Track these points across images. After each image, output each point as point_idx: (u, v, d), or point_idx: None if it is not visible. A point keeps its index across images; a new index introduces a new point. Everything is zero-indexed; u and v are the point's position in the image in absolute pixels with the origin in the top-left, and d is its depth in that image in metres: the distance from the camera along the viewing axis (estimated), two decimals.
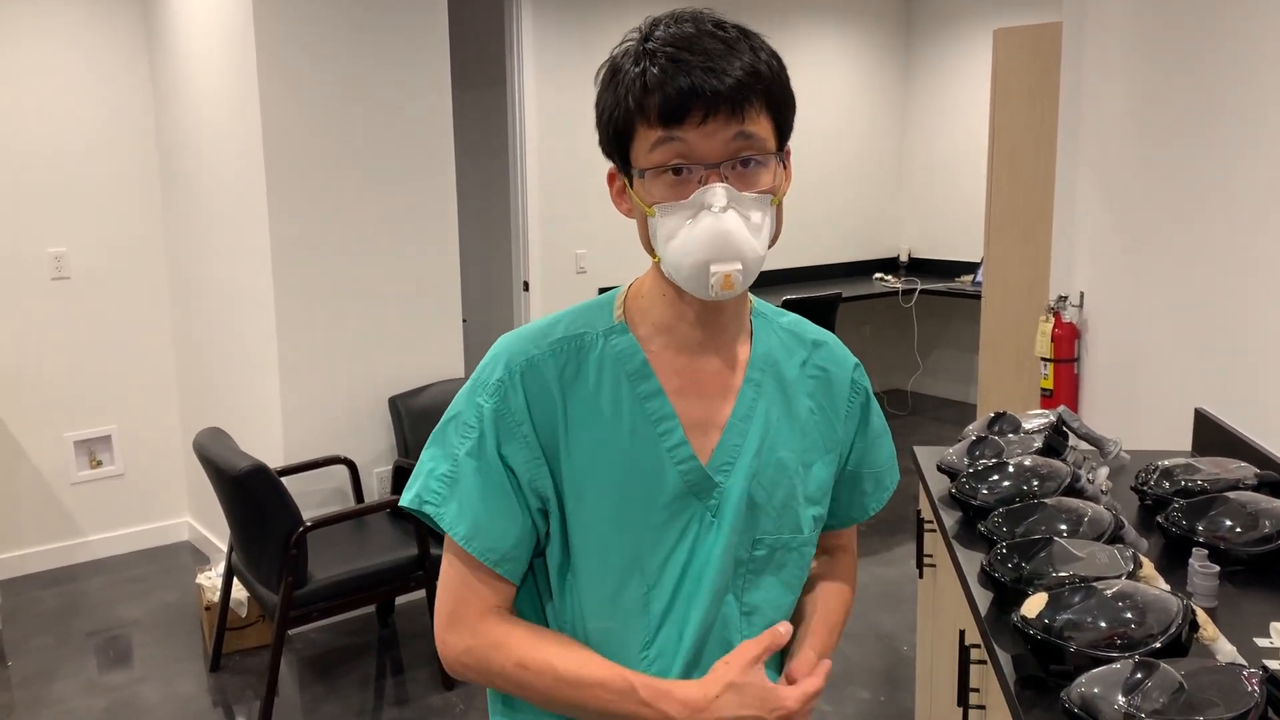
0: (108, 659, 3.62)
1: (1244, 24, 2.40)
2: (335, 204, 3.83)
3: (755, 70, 1.06)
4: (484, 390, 1.13)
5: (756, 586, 1.19)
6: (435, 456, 1.14)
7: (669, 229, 1.07)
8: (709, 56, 1.04)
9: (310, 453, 3.82)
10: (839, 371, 1.27)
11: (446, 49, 4.03)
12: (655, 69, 1.04)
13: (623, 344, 1.15)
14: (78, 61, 4.25)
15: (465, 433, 1.13)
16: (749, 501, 1.16)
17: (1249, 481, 2.03)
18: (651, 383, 1.14)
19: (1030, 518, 1.84)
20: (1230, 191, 2.46)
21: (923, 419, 6.69)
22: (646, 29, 1.09)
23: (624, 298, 1.19)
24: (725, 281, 1.06)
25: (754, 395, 1.19)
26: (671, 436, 1.14)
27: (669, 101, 1.03)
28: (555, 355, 1.14)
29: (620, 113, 1.07)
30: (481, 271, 5.82)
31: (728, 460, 1.16)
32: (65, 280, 4.31)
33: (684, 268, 1.07)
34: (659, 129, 1.05)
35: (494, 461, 1.11)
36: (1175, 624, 1.40)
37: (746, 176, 1.07)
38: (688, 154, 1.05)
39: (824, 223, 6.84)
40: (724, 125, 1.04)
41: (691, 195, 1.05)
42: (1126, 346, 3.15)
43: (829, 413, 1.25)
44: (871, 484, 1.32)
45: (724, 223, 1.04)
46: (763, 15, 6.27)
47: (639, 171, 1.08)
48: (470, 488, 1.11)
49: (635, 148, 1.08)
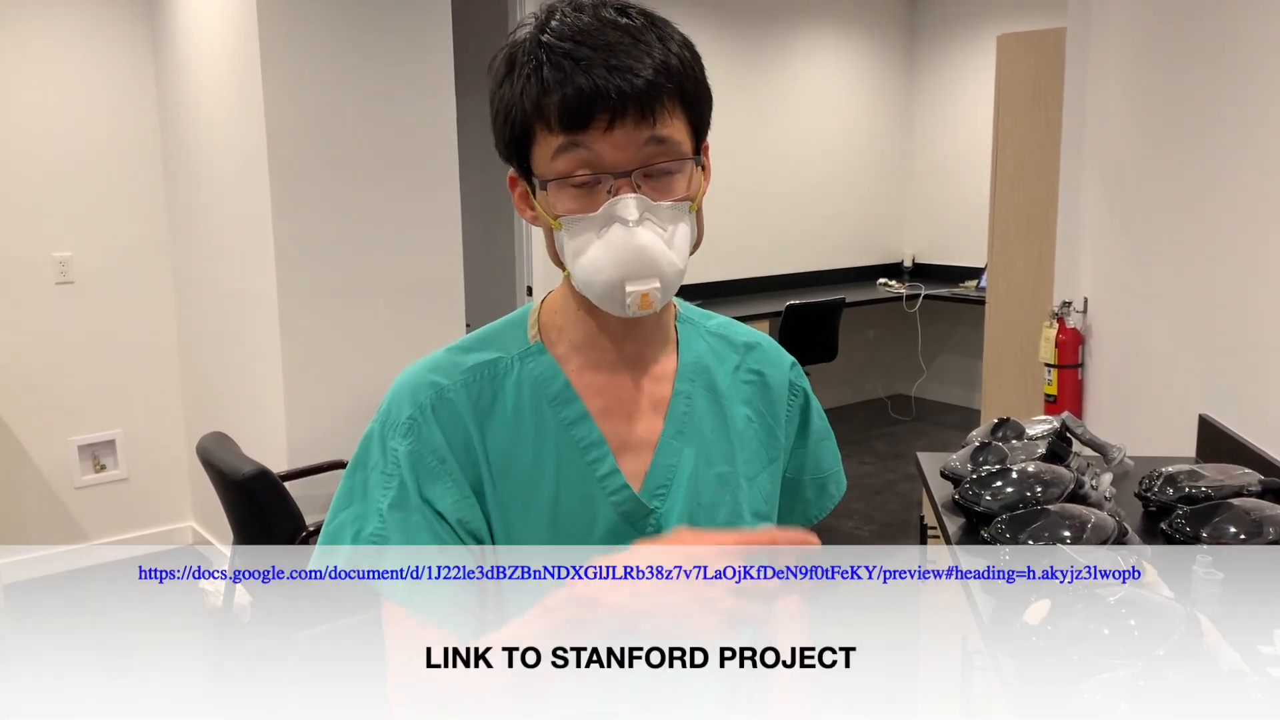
0: (111, 664, 3.62)
1: (1247, 29, 2.40)
2: (339, 208, 3.83)
3: (665, 66, 0.95)
4: (395, 432, 1.03)
5: None
6: (357, 515, 1.03)
7: (577, 244, 0.97)
8: (612, 52, 0.93)
9: (314, 457, 3.82)
10: (775, 374, 1.17)
11: (450, 52, 4.03)
12: (551, 67, 0.94)
13: (540, 366, 1.05)
14: (83, 66, 4.26)
15: (385, 483, 1.02)
16: (690, 524, 1.06)
17: (1253, 488, 2.03)
18: (575, 406, 1.05)
19: (1034, 524, 1.84)
20: (1235, 196, 2.45)
21: (927, 424, 6.68)
22: (542, 18, 0.98)
23: (538, 314, 1.09)
24: (643, 301, 0.96)
25: (685, 408, 1.09)
26: (602, 465, 1.04)
27: (569, 105, 0.93)
28: (467, 386, 1.04)
29: (517, 114, 0.96)
30: (485, 276, 5.82)
31: (663, 483, 1.06)
32: (70, 284, 4.32)
33: (596, 285, 0.97)
34: (560, 135, 0.94)
35: (419, 509, 1.00)
36: (1179, 631, 1.40)
37: (660, 184, 0.97)
38: (594, 162, 0.95)
39: (827, 227, 6.84)
40: (633, 130, 0.94)
41: (600, 207, 0.95)
42: (1131, 352, 3.14)
43: (768, 419, 1.15)
44: (814, 491, 1.22)
45: (637, 237, 0.95)
46: (766, 20, 6.28)
47: (540, 181, 0.98)
48: (402, 542, 1.00)
49: (536, 153, 0.98)
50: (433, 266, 4.08)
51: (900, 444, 6.21)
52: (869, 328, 7.05)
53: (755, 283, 6.41)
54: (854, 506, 5.09)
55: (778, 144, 6.45)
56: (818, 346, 5.66)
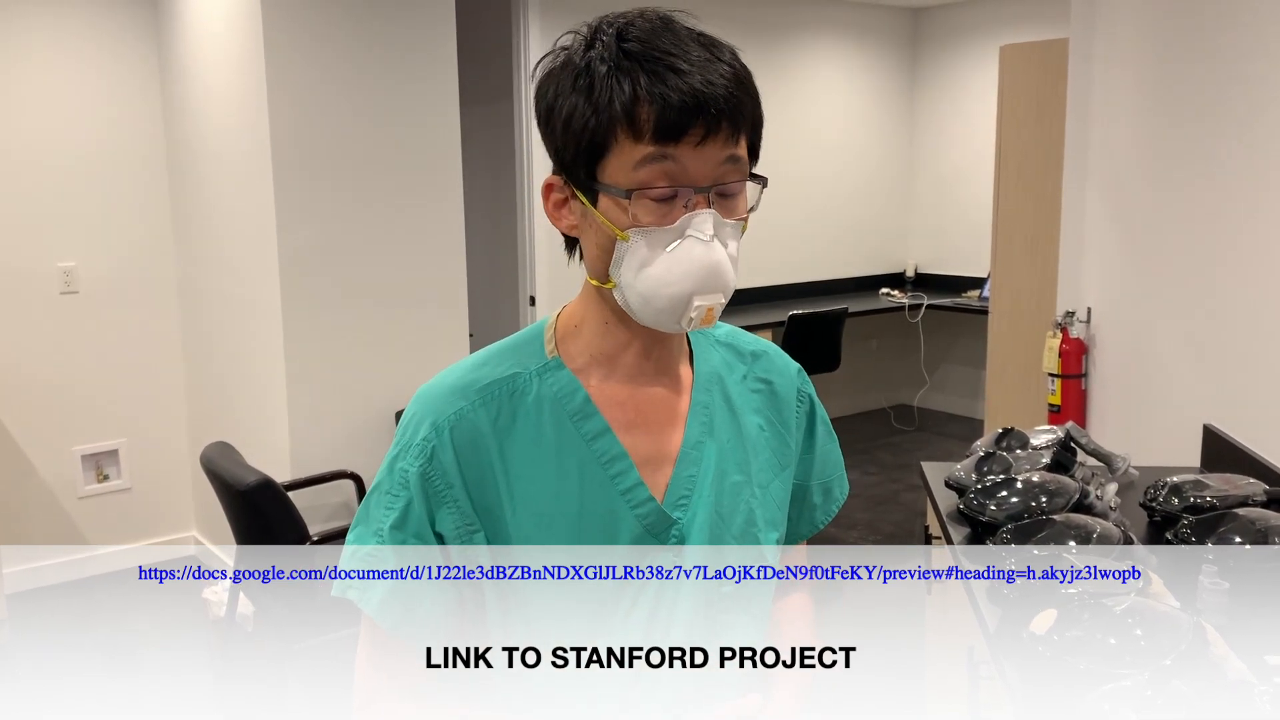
0: (114, 673, 3.62)
1: (1252, 40, 2.40)
2: (343, 218, 3.84)
3: (744, 84, 0.97)
4: (408, 453, 1.02)
5: (731, 628, 1.09)
6: (360, 535, 1.04)
7: (644, 256, 0.96)
8: (700, 67, 0.93)
9: (317, 467, 3.82)
10: (783, 382, 1.18)
11: (454, 63, 4.05)
12: (648, 74, 0.92)
13: (560, 381, 1.05)
14: (88, 77, 4.28)
15: (389, 503, 1.02)
16: (711, 534, 1.07)
17: (1258, 498, 2.03)
18: (596, 420, 1.04)
19: (1039, 534, 1.83)
20: (1238, 205, 2.46)
21: (930, 434, 6.67)
22: (619, 25, 0.96)
23: (554, 329, 1.08)
24: (707, 315, 0.98)
25: (704, 418, 1.10)
26: (626, 478, 1.04)
27: (668, 114, 0.92)
28: (486, 404, 1.03)
29: (598, 122, 0.94)
30: (488, 286, 5.82)
31: (684, 493, 1.07)
32: (74, 294, 4.32)
33: (660, 298, 0.96)
34: (649, 145, 0.93)
35: (423, 532, 1.01)
36: (1185, 641, 1.40)
37: (728, 203, 0.98)
38: (678, 176, 0.94)
39: (830, 237, 6.84)
40: (720, 147, 0.95)
41: (676, 221, 0.95)
42: (1135, 362, 3.14)
43: (779, 427, 1.16)
44: (820, 495, 1.23)
45: (714, 253, 0.96)
46: (772, 33, 6.29)
47: (620, 191, 0.95)
48: (396, 566, 1.01)
49: (609, 162, 0.95)
50: (436, 277, 4.09)
51: (904, 454, 6.20)
52: (872, 337, 7.05)
53: (758, 292, 6.41)
54: (858, 517, 5.08)
55: (781, 154, 6.45)
56: (820, 356, 5.65)
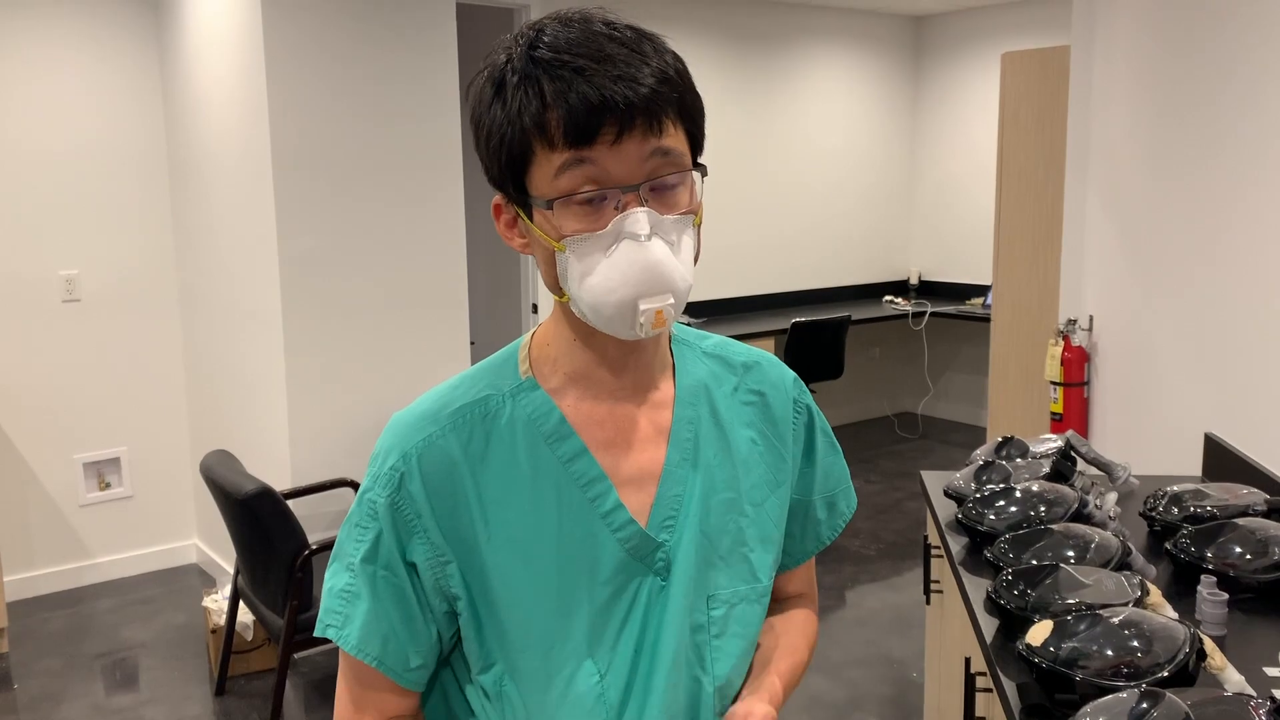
0: (114, 681, 3.61)
1: (1253, 47, 2.40)
2: (343, 225, 3.84)
3: (665, 75, 0.92)
4: (377, 483, 0.99)
5: (722, 655, 1.05)
6: (335, 571, 1.01)
7: (584, 265, 0.93)
8: (612, 62, 0.90)
9: (317, 475, 3.82)
10: (777, 394, 1.13)
11: (455, 68, 4.05)
12: (551, 80, 0.89)
13: (534, 402, 1.01)
14: (91, 86, 4.29)
15: (359, 535, 0.99)
16: (698, 555, 1.03)
17: (1259, 508, 2.01)
18: (573, 442, 1.00)
19: (1037, 544, 1.82)
20: (1240, 214, 2.45)
21: (934, 442, 6.66)
22: (530, 35, 0.93)
23: (528, 349, 1.05)
24: (657, 319, 0.93)
25: (689, 434, 1.05)
26: (605, 501, 1.00)
27: (574, 118, 0.89)
28: (457, 429, 0.99)
29: (513, 134, 0.92)
30: (489, 295, 5.82)
31: (669, 514, 1.02)
32: (76, 302, 4.33)
33: (607, 306, 0.92)
34: (564, 151, 0.90)
35: (394, 563, 0.98)
36: (1183, 653, 1.39)
37: (666, 198, 0.94)
38: (600, 178, 0.91)
39: (833, 245, 6.84)
40: (640, 142, 0.91)
41: (609, 224, 0.91)
42: (1136, 370, 3.13)
43: (773, 441, 1.11)
44: (824, 510, 1.18)
45: (650, 253, 0.91)
46: (773, 41, 6.30)
47: (542, 202, 0.92)
48: (370, 600, 0.98)
49: (533, 174, 0.93)
50: (437, 285, 4.09)
51: (907, 462, 6.19)
52: (875, 345, 7.04)
53: (761, 300, 6.42)
54: (860, 525, 5.07)
55: (784, 162, 6.46)
56: (823, 364, 5.65)
